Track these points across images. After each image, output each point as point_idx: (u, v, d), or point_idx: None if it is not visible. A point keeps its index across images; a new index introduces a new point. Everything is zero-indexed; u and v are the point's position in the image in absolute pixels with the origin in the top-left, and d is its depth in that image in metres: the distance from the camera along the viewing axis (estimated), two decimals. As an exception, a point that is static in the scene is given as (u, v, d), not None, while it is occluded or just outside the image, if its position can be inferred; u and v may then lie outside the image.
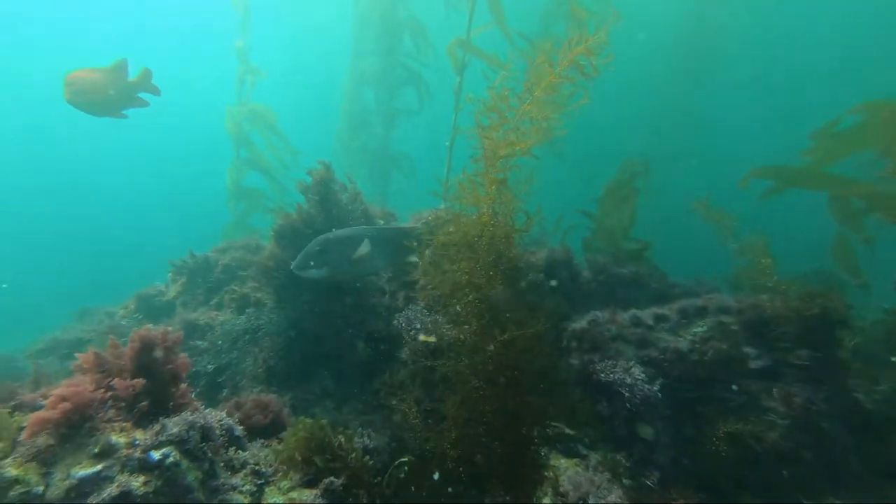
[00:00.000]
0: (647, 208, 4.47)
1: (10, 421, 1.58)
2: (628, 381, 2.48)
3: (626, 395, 2.43)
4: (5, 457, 1.62)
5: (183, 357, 1.98)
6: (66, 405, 1.61)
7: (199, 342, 4.34)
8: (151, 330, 1.88)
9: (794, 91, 17.91)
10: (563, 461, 2.59)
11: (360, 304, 4.42)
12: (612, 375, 2.58)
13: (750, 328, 2.54)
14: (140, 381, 1.78)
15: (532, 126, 2.76)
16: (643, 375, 2.47)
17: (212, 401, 3.86)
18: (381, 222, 4.80)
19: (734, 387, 2.35)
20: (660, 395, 2.41)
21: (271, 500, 2.08)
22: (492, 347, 2.53)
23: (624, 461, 2.39)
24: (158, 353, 1.85)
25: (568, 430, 2.72)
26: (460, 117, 5.37)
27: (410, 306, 3.75)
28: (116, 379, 1.76)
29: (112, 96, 3.79)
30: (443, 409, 2.59)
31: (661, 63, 12.33)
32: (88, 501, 1.69)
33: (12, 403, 2.14)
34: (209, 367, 4.04)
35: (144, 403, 1.96)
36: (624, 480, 2.25)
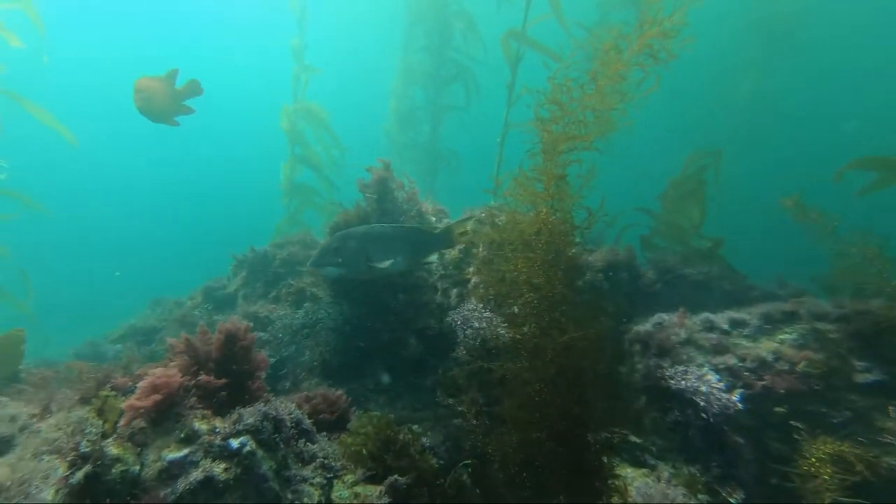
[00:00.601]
0: (712, 204, 4.18)
1: (115, 403, 1.70)
2: (703, 389, 2.32)
3: (702, 404, 2.28)
4: (107, 436, 1.75)
5: (261, 355, 2.07)
6: (158, 396, 1.72)
7: (261, 334, 4.55)
8: (237, 324, 1.97)
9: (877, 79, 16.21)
10: (629, 470, 2.48)
11: (413, 300, 4.46)
12: (683, 383, 2.43)
13: (858, 338, 2.29)
14: (222, 381, 1.87)
15: (595, 118, 2.65)
16: (721, 384, 2.31)
17: (273, 392, 4.03)
18: (433, 219, 4.82)
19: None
20: (740, 405, 2.24)
21: (337, 494, 2.13)
22: (552, 349, 2.46)
23: (699, 475, 2.24)
24: (239, 349, 1.93)
25: (634, 438, 2.60)
26: (513, 112, 5.26)
27: (465, 304, 3.72)
28: (203, 375, 1.86)
29: (169, 104, 3.95)
30: (500, 410, 2.55)
31: (728, 48, 11.48)
32: (178, 484, 1.79)
33: (108, 386, 2.32)
34: (270, 359, 4.21)
35: (224, 393, 2.06)
36: (700, 496, 2.11)
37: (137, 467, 1.80)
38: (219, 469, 1.87)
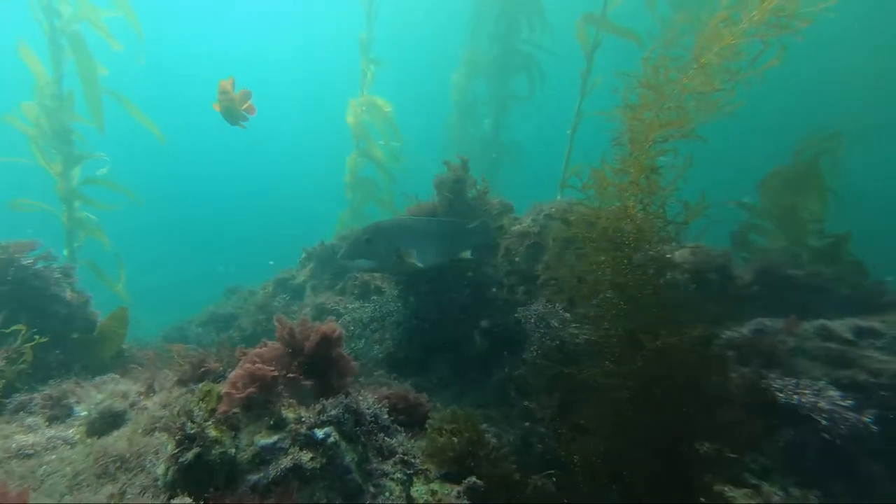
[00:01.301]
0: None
1: (216, 390, 1.78)
2: (823, 405, 2.03)
3: (824, 422, 2.00)
4: (206, 420, 1.83)
5: (351, 363, 2.09)
6: (253, 389, 1.77)
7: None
8: (333, 328, 2.00)
9: None
10: (728, 489, 2.25)
11: (478, 296, 4.39)
12: (796, 397, 2.15)
13: None
14: (311, 382, 1.93)
15: (694, 101, 2.41)
16: (846, 401, 2.01)
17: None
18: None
19: None
20: (874, 427, 1.93)
21: (416, 490, 2.11)
22: (642, 355, 2.27)
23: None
24: (331, 355, 1.98)
25: (732, 454, 2.35)
26: (587, 101, 4.97)
27: (537, 302, 3.58)
28: (294, 368, 1.91)
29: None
30: (581, 417, 2.40)
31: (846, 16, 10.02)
32: (270, 469, 1.84)
33: (202, 370, 2.45)
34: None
35: (309, 385, 2.10)
36: (824, 529, 1.85)
37: (233, 450, 1.87)
38: (306, 458, 1.91)
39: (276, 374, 1.87)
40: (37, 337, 2.92)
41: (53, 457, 2.02)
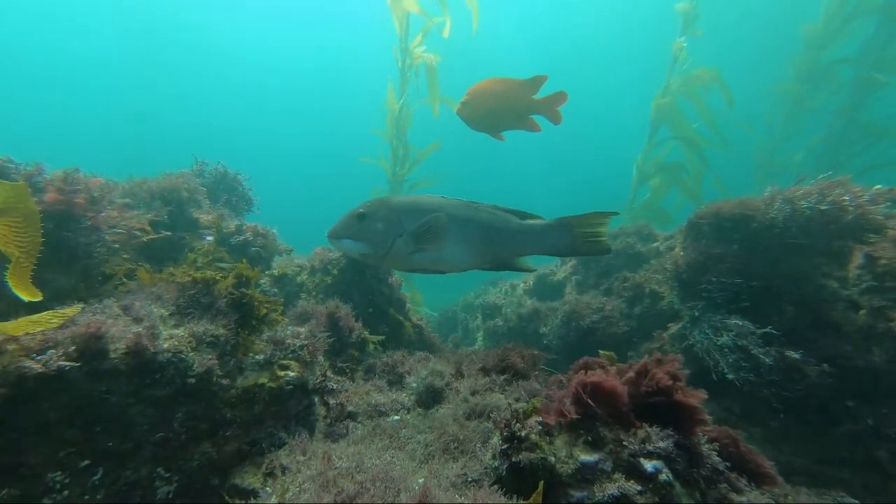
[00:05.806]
0: None
1: (536, 403, 1.76)
2: None
3: None
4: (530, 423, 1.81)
5: (701, 411, 1.78)
6: (577, 417, 1.66)
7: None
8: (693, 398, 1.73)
9: None
10: None
11: (806, 314, 3.29)
12: None
13: None
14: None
15: None
16: None
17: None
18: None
19: None
20: None
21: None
22: None
23: None
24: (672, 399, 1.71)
25: None
26: None
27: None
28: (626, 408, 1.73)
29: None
30: None
31: None
32: (594, 490, 1.68)
33: (504, 363, 2.54)
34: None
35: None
36: None
37: (552, 458, 1.80)
38: (632, 489, 1.67)
39: (603, 411, 1.71)
40: (375, 333, 3.70)
41: (397, 418, 2.41)
